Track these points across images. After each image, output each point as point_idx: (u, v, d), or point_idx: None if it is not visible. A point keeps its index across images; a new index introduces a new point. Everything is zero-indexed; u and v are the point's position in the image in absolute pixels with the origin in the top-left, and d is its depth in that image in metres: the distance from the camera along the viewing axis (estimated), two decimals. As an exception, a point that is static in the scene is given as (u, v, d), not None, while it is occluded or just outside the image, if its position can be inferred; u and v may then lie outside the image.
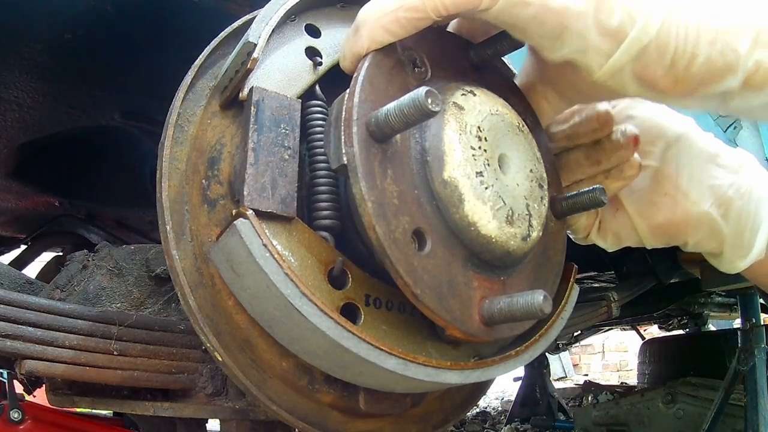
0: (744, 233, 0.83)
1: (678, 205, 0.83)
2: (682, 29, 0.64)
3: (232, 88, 0.69)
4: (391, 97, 0.62)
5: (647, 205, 0.85)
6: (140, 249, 0.96)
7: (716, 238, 0.84)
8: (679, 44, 0.64)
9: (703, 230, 0.84)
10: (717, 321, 4.45)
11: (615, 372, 8.53)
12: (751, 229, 0.83)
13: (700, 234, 0.84)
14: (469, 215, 0.64)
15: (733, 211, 0.83)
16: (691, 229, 0.84)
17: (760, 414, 1.97)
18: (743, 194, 0.83)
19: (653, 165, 0.84)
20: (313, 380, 0.70)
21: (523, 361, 0.74)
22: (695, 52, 0.64)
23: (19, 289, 1.01)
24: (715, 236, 0.84)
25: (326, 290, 0.64)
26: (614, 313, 1.67)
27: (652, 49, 0.65)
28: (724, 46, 0.64)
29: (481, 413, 4.93)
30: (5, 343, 0.71)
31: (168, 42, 1.19)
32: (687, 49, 0.64)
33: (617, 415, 2.95)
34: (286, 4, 0.72)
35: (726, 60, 0.64)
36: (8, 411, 1.74)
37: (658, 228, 0.85)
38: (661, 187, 0.84)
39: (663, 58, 0.65)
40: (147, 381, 0.80)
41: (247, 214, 0.59)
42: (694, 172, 0.84)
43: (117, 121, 1.50)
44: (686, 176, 0.83)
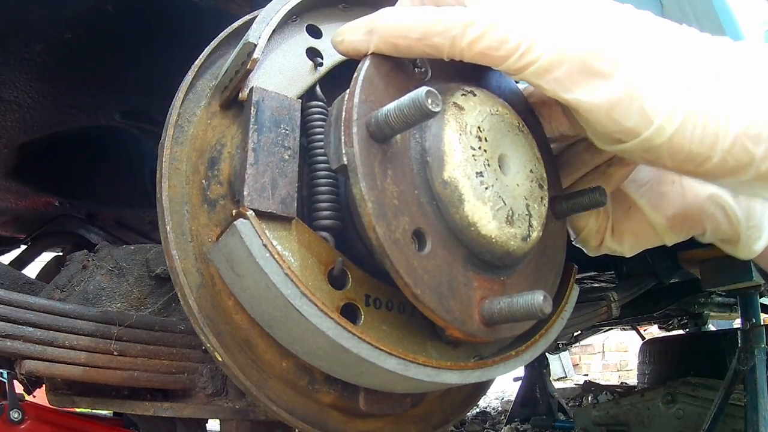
0: (755, 212, 0.84)
1: (687, 191, 0.84)
2: (698, 134, 0.62)
3: (232, 88, 0.69)
4: (391, 97, 0.62)
5: (657, 197, 0.85)
6: (140, 249, 0.96)
7: (731, 221, 0.84)
8: (694, 148, 0.63)
9: (718, 214, 0.84)
10: (717, 321, 4.45)
11: (615, 372, 8.53)
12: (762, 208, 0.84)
13: (716, 219, 0.84)
14: (469, 215, 0.64)
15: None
16: (705, 215, 0.84)
17: (760, 414, 1.96)
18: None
19: None
20: (313, 380, 0.70)
21: (523, 361, 0.74)
22: (710, 155, 0.63)
23: (19, 289, 1.01)
24: (730, 219, 0.84)
25: (326, 290, 0.64)
26: (614, 313, 1.67)
27: (664, 149, 0.64)
28: (741, 152, 0.62)
29: (481, 413, 4.93)
30: (5, 343, 0.71)
31: (168, 42, 1.19)
32: (702, 152, 0.63)
33: (617, 415, 2.95)
34: (288, 4, 0.72)
35: (739, 162, 0.63)
36: (8, 411, 1.74)
37: (674, 219, 0.85)
38: (667, 175, 0.85)
39: (675, 156, 0.64)
40: (147, 381, 0.80)
41: (247, 214, 0.59)
42: None
43: (117, 121, 1.51)
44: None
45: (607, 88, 0.62)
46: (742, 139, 0.62)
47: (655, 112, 0.62)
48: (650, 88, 0.62)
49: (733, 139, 0.62)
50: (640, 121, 0.62)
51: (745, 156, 0.62)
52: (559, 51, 0.62)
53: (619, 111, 0.62)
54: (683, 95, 0.62)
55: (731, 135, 0.62)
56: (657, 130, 0.62)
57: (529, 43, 0.62)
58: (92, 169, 1.79)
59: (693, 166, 0.65)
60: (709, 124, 0.62)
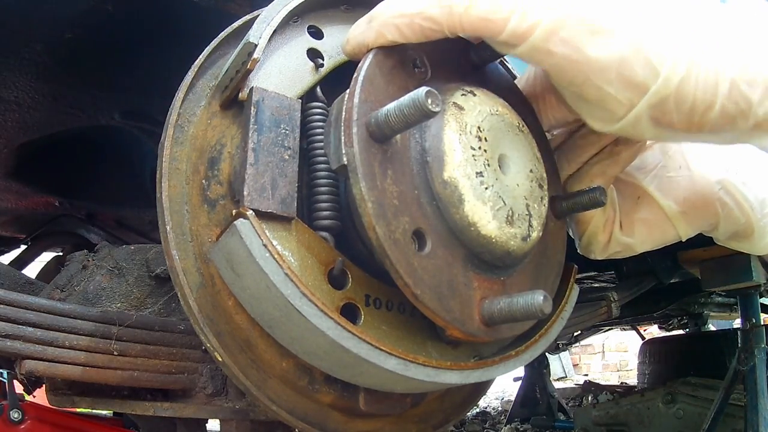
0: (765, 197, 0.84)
1: (695, 175, 0.83)
2: (701, 80, 0.64)
3: (232, 88, 0.69)
4: (391, 97, 0.62)
5: (666, 182, 0.84)
6: (140, 249, 0.96)
7: (743, 208, 0.83)
8: (698, 95, 0.64)
9: (729, 199, 0.83)
10: (717, 321, 4.45)
11: (615, 372, 8.53)
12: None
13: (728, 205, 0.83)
14: (470, 215, 0.64)
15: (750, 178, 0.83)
16: (717, 200, 0.83)
17: (760, 414, 1.96)
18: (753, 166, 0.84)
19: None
20: (313, 380, 0.70)
21: (523, 361, 0.74)
22: (712, 102, 0.64)
23: (19, 289, 1.01)
24: (741, 206, 0.83)
25: (326, 290, 0.64)
26: (614, 313, 1.67)
27: (671, 100, 0.65)
28: (739, 96, 0.64)
29: (481, 413, 4.93)
30: (5, 343, 0.71)
31: (168, 42, 1.19)
32: (705, 99, 0.64)
33: (617, 415, 2.95)
34: (289, 5, 0.72)
35: (739, 108, 0.64)
36: (8, 411, 1.74)
37: (685, 203, 0.83)
38: (674, 160, 0.85)
39: (681, 106, 0.65)
40: (147, 381, 0.80)
41: (247, 214, 0.59)
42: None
43: (117, 121, 1.50)
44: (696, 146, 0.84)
45: (613, 43, 0.63)
46: (738, 84, 0.63)
47: (660, 63, 0.63)
48: (653, 41, 0.63)
49: (730, 83, 0.63)
50: (649, 74, 0.63)
51: (743, 100, 0.64)
52: (561, 11, 0.62)
53: (628, 65, 0.63)
54: (683, 45, 0.63)
55: (728, 79, 0.63)
56: (665, 81, 0.63)
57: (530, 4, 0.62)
58: (92, 169, 1.79)
59: (698, 116, 0.65)
60: (709, 71, 0.64)
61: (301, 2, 0.73)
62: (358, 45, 0.67)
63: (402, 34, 0.65)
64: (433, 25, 0.64)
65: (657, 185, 0.84)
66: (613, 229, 0.85)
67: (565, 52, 0.63)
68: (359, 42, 0.67)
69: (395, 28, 0.65)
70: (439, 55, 0.72)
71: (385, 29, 0.65)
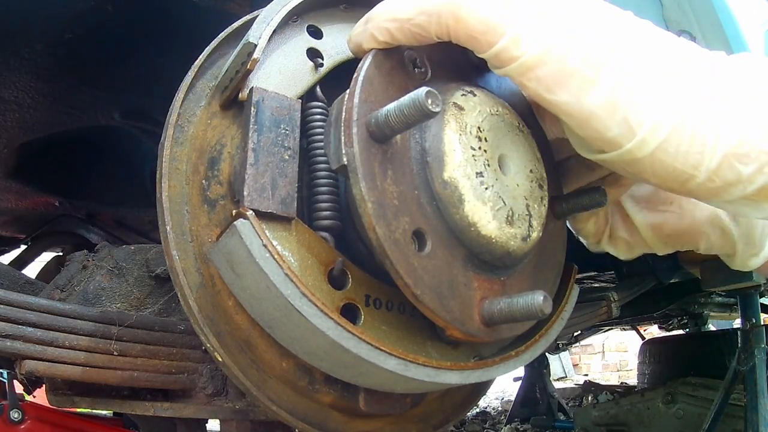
0: (754, 232, 0.83)
1: (685, 212, 0.83)
2: (683, 151, 0.59)
3: (232, 88, 0.69)
4: (391, 97, 0.62)
5: (654, 217, 0.84)
6: (140, 249, 0.96)
7: (727, 240, 0.83)
8: (678, 165, 0.60)
9: (715, 234, 0.83)
10: (717, 321, 4.44)
11: (615, 372, 8.53)
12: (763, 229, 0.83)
13: (712, 238, 0.84)
14: (470, 216, 0.64)
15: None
16: (702, 235, 0.83)
17: (760, 414, 1.96)
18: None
19: None
20: (313, 380, 0.70)
21: (523, 362, 0.74)
22: (694, 174, 0.60)
23: (19, 289, 1.01)
24: (727, 238, 0.83)
25: (326, 290, 0.64)
26: (614, 313, 1.67)
27: (647, 164, 0.61)
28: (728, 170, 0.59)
29: (481, 413, 4.93)
30: (5, 344, 0.71)
31: (168, 42, 1.19)
32: (686, 171, 0.60)
33: (617, 415, 2.95)
34: (288, 4, 0.72)
35: (725, 181, 0.60)
36: (8, 411, 1.74)
37: (669, 237, 0.84)
38: (665, 195, 0.84)
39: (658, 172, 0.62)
40: (147, 381, 0.80)
41: (247, 214, 0.59)
42: None
43: (117, 121, 1.50)
44: None
45: (589, 93, 0.60)
46: (730, 159, 0.59)
47: (639, 123, 0.60)
48: (636, 99, 0.60)
49: (720, 158, 0.59)
50: (623, 132, 0.60)
51: (732, 175, 0.60)
52: (544, 50, 0.60)
53: (600, 119, 0.60)
54: (671, 108, 0.59)
55: (719, 154, 0.59)
56: (639, 144, 0.60)
57: (515, 36, 0.61)
58: (92, 169, 1.79)
59: (676, 184, 0.62)
60: (696, 141, 0.59)
61: (301, 2, 0.73)
62: (356, 45, 0.68)
63: (393, 37, 0.65)
64: (422, 32, 0.64)
65: (643, 217, 0.84)
66: (601, 239, 0.87)
67: (538, 90, 0.62)
68: (356, 43, 0.68)
69: (387, 32, 0.65)
70: (439, 55, 0.72)
71: (378, 32, 0.65)
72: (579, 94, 0.60)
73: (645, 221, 0.84)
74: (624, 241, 0.86)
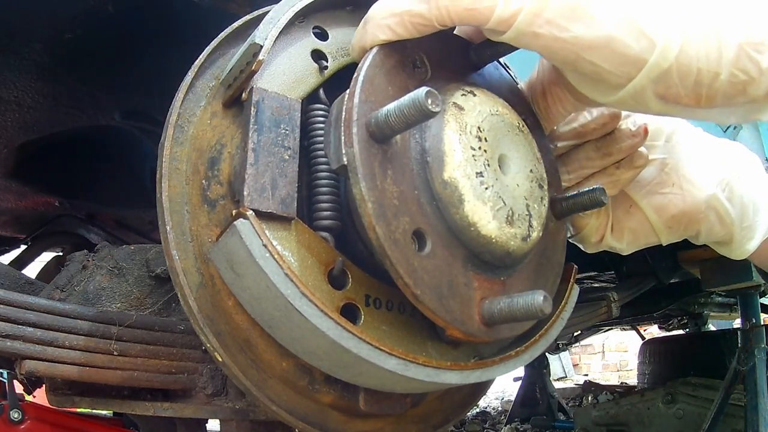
0: (748, 213, 0.86)
1: (687, 194, 0.86)
2: (702, 49, 0.62)
3: (235, 87, 0.69)
4: (391, 97, 0.62)
5: (658, 199, 0.87)
6: (140, 249, 0.96)
7: (725, 222, 0.86)
8: (701, 65, 0.63)
9: (713, 215, 0.86)
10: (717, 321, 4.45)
11: (615, 372, 8.53)
12: (754, 209, 0.86)
13: (711, 220, 0.86)
14: (470, 216, 0.64)
15: (735, 192, 0.86)
16: (702, 216, 0.86)
17: (760, 414, 1.97)
18: (741, 177, 0.86)
19: (659, 158, 0.86)
20: (313, 380, 0.70)
21: (523, 362, 0.74)
22: (717, 71, 0.63)
23: (19, 289, 1.01)
24: (724, 221, 0.86)
25: (326, 290, 0.64)
26: (614, 313, 1.67)
27: (674, 72, 0.63)
28: (747, 61, 0.62)
29: (481, 413, 4.93)
30: (5, 343, 0.71)
31: (168, 42, 1.19)
32: (710, 69, 0.63)
33: (617, 415, 2.95)
34: (295, 6, 0.72)
35: (749, 74, 0.63)
36: (8, 411, 1.74)
37: (672, 219, 0.87)
38: (668, 178, 0.86)
39: (685, 79, 0.64)
40: (147, 381, 0.80)
41: (247, 214, 0.59)
42: (696, 160, 0.86)
43: (117, 121, 1.50)
44: (689, 165, 0.86)
45: (601, 20, 0.61)
46: (745, 48, 0.61)
47: (655, 33, 0.62)
48: (646, 11, 0.62)
49: (736, 49, 0.61)
50: (644, 46, 0.62)
51: (751, 66, 0.62)
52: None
53: (619, 40, 0.62)
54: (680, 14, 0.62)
55: (734, 44, 0.61)
56: (662, 52, 0.62)
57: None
58: (92, 169, 1.79)
59: (705, 87, 0.64)
60: (710, 37, 0.62)
61: (308, 3, 0.73)
62: (360, 49, 0.68)
63: (395, 32, 0.66)
64: (422, 21, 0.65)
65: (648, 201, 0.87)
66: (604, 233, 0.89)
67: (552, 32, 0.63)
68: (359, 47, 0.68)
69: (387, 28, 0.65)
70: (439, 54, 0.72)
71: (379, 30, 0.66)
72: (592, 21, 0.62)
73: (650, 204, 0.87)
74: (629, 231, 0.88)
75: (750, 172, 0.88)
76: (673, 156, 0.86)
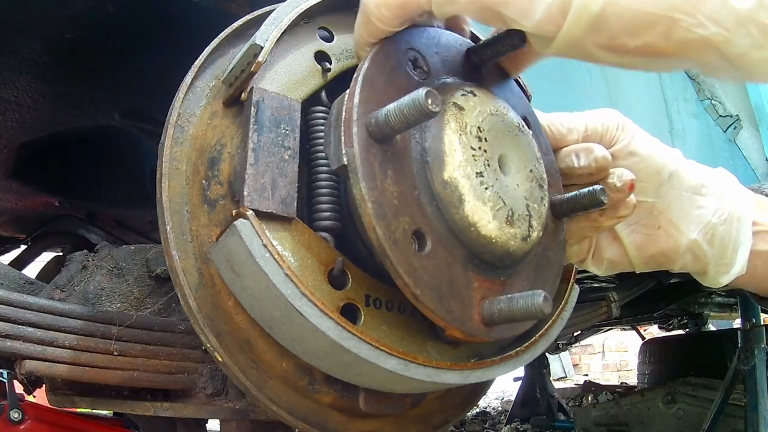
0: (726, 252, 0.88)
1: (670, 237, 0.88)
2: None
3: (236, 87, 0.69)
4: (391, 97, 0.62)
5: (641, 238, 0.89)
6: (140, 249, 0.96)
7: (701, 260, 0.89)
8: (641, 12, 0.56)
9: (690, 255, 0.89)
10: (717, 321, 4.45)
11: (615, 372, 8.53)
12: (733, 248, 0.88)
13: (687, 258, 0.89)
14: (470, 216, 0.64)
15: (717, 236, 0.87)
16: (679, 256, 0.89)
17: (760, 414, 1.97)
18: (725, 219, 0.87)
19: (649, 201, 0.87)
20: (313, 380, 0.70)
21: (523, 362, 0.74)
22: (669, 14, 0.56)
23: (19, 289, 1.01)
24: (701, 259, 0.89)
25: (326, 290, 0.64)
26: (614, 313, 1.68)
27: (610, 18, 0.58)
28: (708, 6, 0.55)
29: (481, 413, 4.93)
30: (5, 343, 0.71)
31: (168, 42, 1.19)
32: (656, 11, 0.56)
33: (617, 415, 2.95)
34: (300, 6, 0.72)
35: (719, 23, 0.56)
36: (8, 411, 1.74)
37: (651, 257, 0.90)
38: (655, 221, 0.88)
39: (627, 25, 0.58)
40: (147, 381, 0.80)
41: (247, 214, 0.59)
42: (684, 205, 0.88)
43: (117, 121, 1.50)
44: (677, 210, 0.87)
45: None
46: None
47: None
48: None
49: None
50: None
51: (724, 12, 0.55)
52: None
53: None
54: None
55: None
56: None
57: None
58: (92, 169, 1.79)
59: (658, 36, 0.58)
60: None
61: (313, 4, 0.73)
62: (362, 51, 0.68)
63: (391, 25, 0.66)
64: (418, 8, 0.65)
65: (632, 239, 0.89)
66: (585, 258, 0.91)
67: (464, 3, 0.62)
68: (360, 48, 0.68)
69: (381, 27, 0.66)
70: (439, 55, 0.72)
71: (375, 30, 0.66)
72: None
73: (633, 242, 0.89)
74: (609, 260, 0.91)
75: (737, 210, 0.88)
76: (664, 200, 0.87)
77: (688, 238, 0.87)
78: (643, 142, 0.86)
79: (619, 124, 0.85)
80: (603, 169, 0.82)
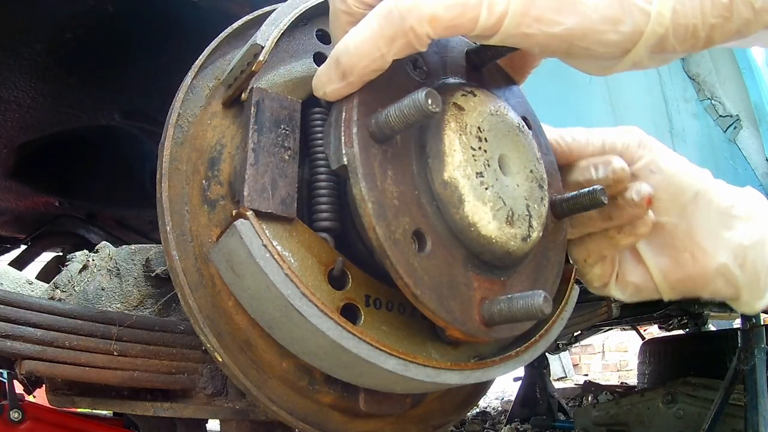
0: (760, 277, 0.84)
1: (697, 261, 0.84)
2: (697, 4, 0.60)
3: (236, 87, 0.69)
4: (391, 97, 0.62)
5: (667, 261, 0.85)
6: (140, 249, 0.96)
7: (733, 285, 0.84)
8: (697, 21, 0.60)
9: (720, 281, 0.84)
10: (717, 321, 4.45)
11: (615, 372, 8.54)
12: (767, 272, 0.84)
13: (718, 284, 0.85)
14: (470, 216, 0.64)
15: (748, 259, 0.83)
16: (709, 282, 0.84)
17: (760, 414, 1.97)
18: (757, 242, 0.83)
19: (673, 222, 0.84)
20: (313, 381, 0.70)
21: (524, 362, 0.74)
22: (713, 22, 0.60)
23: (19, 289, 1.01)
24: (732, 284, 0.84)
25: (326, 291, 0.64)
26: (614, 313, 1.68)
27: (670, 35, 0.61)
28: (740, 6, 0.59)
29: (481, 413, 4.93)
30: (5, 343, 0.71)
31: (168, 42, 1.19)
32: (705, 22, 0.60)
33: (617, 415, 2.95)
34: (299, 8, 0.72)
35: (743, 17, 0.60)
36: (8, 411, 1.74)
37: (678, 282, 0.85)
38: (680, 242, 0.84)
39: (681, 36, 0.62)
40: (147, 381, 0.80)
41: (247, 214, 0.59)
42: (711, 227, 0.84)
43: (117, 121, 1.51)
44: (704, 232, 0.83)
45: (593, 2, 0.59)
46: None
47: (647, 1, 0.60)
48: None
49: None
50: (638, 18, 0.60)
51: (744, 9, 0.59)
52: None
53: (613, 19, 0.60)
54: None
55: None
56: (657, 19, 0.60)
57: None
58: (92, 169, 1.79)
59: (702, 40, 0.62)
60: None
61: (312, 6, 0.73)
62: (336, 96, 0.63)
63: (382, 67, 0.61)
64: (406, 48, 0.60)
65: (657, 262, 0.85)
66: (609, 282, 0.87)
67: (542, 29, 0.60)
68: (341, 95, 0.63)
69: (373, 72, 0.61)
70: (440, 55, 0.72)
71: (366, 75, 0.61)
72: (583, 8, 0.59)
73: (657, 265, 0.85)
74: (633, 285, 0.87)
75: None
76: (689, 221, 0.84)
77: (718, 262, 0.83)
78: (667, 160, 0.83)
79: (640, 142, 0.83)
80: (620, 181, 0.80)
